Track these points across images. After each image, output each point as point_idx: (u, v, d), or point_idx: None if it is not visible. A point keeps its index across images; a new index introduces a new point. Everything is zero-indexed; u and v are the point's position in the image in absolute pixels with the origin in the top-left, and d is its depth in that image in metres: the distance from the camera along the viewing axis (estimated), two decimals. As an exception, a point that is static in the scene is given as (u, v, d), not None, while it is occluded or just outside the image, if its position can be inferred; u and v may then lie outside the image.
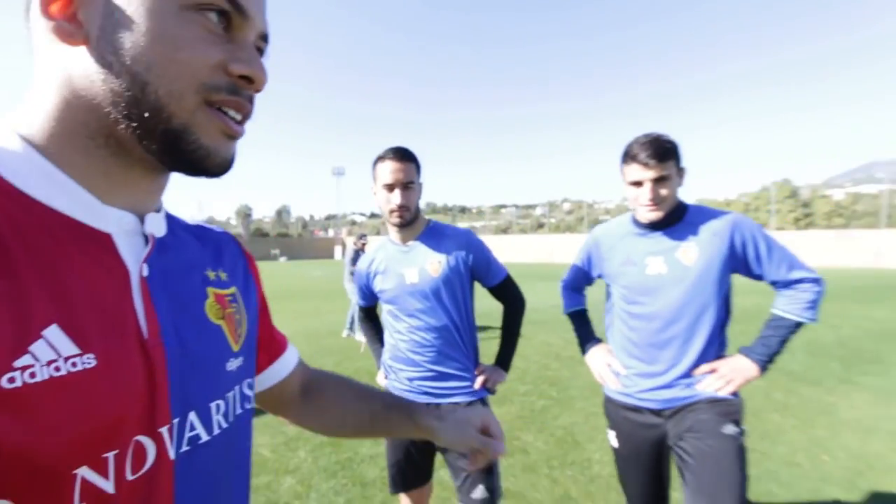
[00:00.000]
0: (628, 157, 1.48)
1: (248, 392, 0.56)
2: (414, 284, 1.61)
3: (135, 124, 0.41)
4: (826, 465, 2.79)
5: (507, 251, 34.05)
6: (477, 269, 1.68)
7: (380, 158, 1.59)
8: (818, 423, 3.43)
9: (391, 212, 1.57)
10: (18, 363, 0.34)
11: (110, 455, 0.39)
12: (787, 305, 1.47)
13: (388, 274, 1.68)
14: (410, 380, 1.66)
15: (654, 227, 1.53)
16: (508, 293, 1.75)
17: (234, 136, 0.45)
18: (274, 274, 22.57)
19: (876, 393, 4.03)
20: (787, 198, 38.88)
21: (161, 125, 0.41)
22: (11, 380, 0.34)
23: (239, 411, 0.53)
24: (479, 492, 1.52)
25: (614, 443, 1.64)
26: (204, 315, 0.50)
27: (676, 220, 1.51)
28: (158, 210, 0.50)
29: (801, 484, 2.58)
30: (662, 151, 1.42)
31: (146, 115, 0.41)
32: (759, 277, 1.50)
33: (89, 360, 0.38)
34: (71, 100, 0.41)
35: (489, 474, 1.54)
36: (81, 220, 0.41)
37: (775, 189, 36.03)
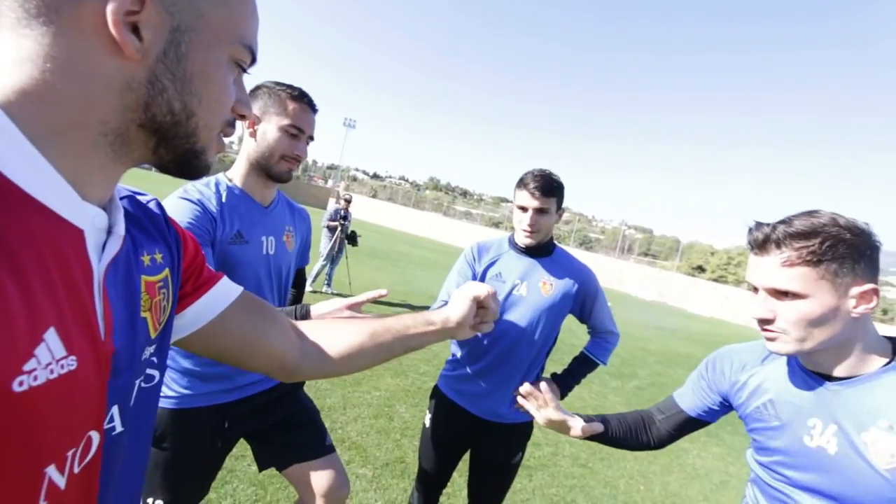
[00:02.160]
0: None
1: (149, 371, 0.55)
2: (270, 256, 1.39)
3: (161, 137, 0.46)
4: (637, 494, 3.16)
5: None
6: (301, 250, 1.63)
7: (292, 97, 1.32)
8: (660, 460, 3.81)
9: (284, 157, 1.33)
10: (27, 367, 0.35)
11: (70, 452, 0.40)
12: (599, 350, 1.83)
13: (243, 234, 1.31)
14: (235, 372, 1.35)
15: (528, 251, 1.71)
16: (301, 279, 1.76)
17: (221, 152, 0.55)
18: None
19: (728, 449, 4.44)
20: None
21: (187, 145, 0.48)
22: (21, 383, 0.34)
23: (140, 391, 0.53)
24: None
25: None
26: (137, 310, 0.51)
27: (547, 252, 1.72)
28: (111, 199, 0.49)
29: (604, 502, 2.96)
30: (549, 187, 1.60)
31: (180, 136, 0.47)
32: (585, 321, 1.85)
33: (72, 363, 0.39)
34: (99, 100, 0.41)
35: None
36: (61, 214, 0.40)
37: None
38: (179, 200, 1.23)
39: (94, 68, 0.40)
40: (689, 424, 1.20)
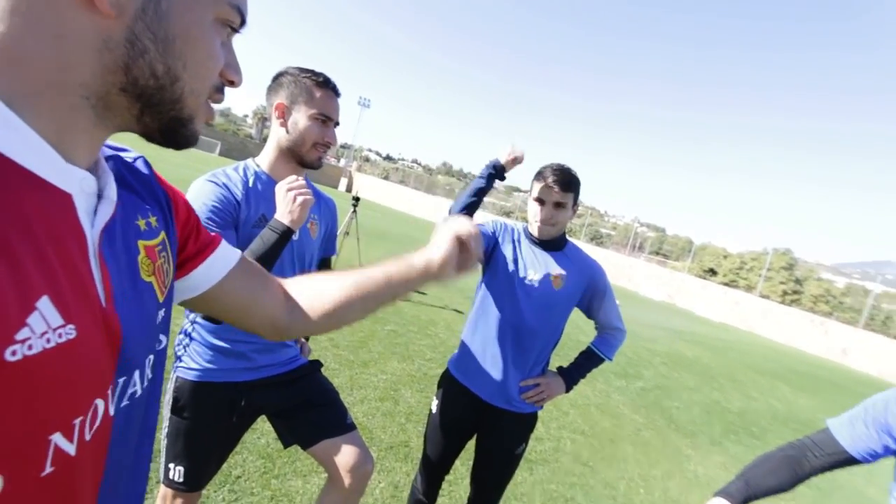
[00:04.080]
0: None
1: (160, 336, 0.56)
2: (293, 241, 1.38)
3: (145, 103, 0.43)
4: (637, 497, 3.16)
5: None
6: (326, 238, 1.63)
7: (317, 84, 1.34)
8: (660, 465, 3.80)
9: (315, 145, 1.35)
10: (19, 336, 0.34)
11: (77, 420, 0.40)
12: (605, 346, 1.83)
13: (267, 218, 1.32)
14: (254, 352, 1.41)
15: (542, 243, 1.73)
16: (326, 268, 1.75)
17: (210, 121, 0.52)
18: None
19: (731, 459, 4.41)
20: (782, 268, 39.31)
21: (173, 112, 0.45)
22: (14, 353, 0.34)
23: (156, 354, 0.54)
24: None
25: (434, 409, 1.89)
26: (138, 274, 0.50)
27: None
28: (97, 162, 0.47)
29: (604, 503, 2.96)
30: (567, 181, 1.65)
31: (165, 101, 0.44)
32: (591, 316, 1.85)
33: (71, 332, 0.38)
34: (74, 59, 0.38)
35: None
36: (45, 178, 0.38)
37: (773, 256, 36.26)
38: (206, 183, 1.27)
39: (67, 24, 0.37)
40: (846, 464, 1.12)
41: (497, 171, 1.71)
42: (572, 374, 1.82)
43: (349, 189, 40.95)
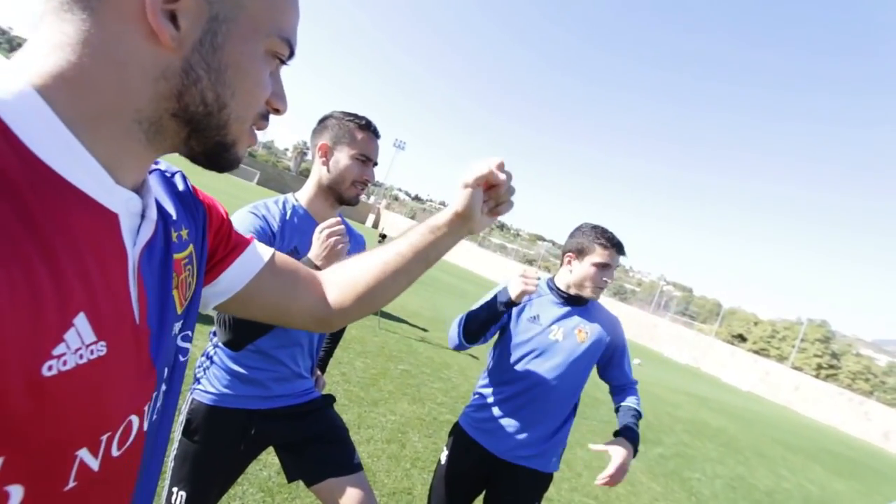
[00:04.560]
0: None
1: (182, 345, 0.56)
2: None
3: (193, 127, 0.45)
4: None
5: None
6: None
7: (360, 127, 1.41)
8: (679, 541, 3.54)
9: (354, 183, 1.43)
10: (56, 351, 0.35)
11: (104, 436, 0.41)
12: (636, 402, 1.81)
13: (298, 250, 1.40)
14: (270, 381, 1.42)
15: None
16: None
17: (253, 145, 0.52)
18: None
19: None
20: (817, 340, 37.23)
21: (218, 137, 0.47)
22: (50, 368, 0.34)
23: (174, 364, 0.54)
24: None
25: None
26: (169, 290, 0.51)
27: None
28: (143, 182, 0.49)
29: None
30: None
31: (211, 127, 0.46)
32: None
33: (101, 348, 0.39)
34: (133, 87, 0.40)
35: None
36: (94, 197, 0.40)
37: (807, 327, 34.48)
38: (247, 213, 1.35)
39: (131, 55, 0.40)
40: None
41: (507, 308, 1.62)
42: (634, 435, 1.66)
43: (376, 225, 41.79)
